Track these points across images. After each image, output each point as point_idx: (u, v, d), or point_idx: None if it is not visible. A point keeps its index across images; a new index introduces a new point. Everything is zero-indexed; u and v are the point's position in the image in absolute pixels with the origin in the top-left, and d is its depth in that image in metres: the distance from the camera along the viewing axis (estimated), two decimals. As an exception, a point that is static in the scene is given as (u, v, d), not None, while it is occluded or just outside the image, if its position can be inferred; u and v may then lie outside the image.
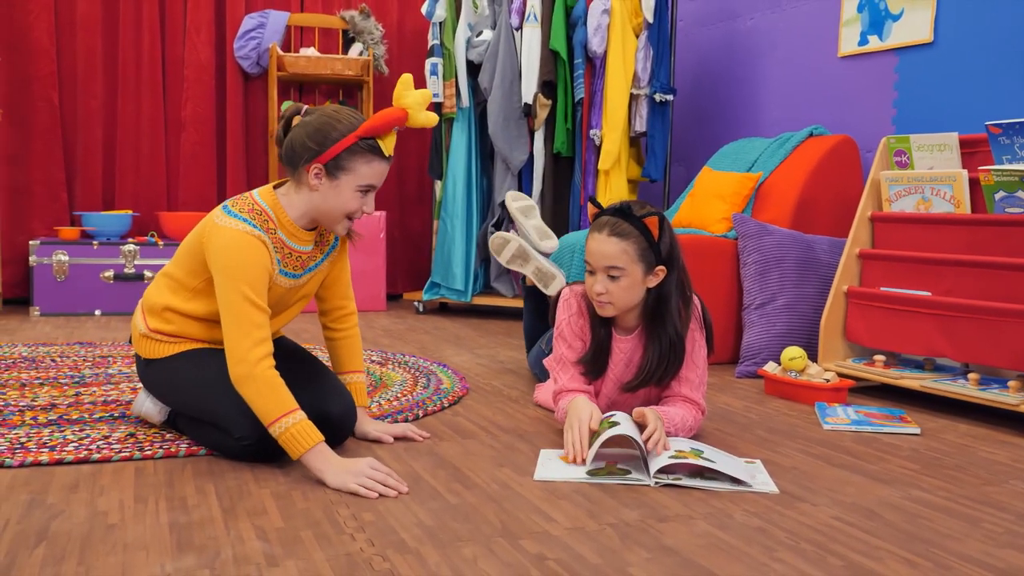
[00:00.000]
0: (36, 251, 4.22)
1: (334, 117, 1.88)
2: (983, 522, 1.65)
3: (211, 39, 4.87)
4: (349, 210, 1.91)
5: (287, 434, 1.77)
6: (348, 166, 1.87)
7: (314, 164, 1.87)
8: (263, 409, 1.79)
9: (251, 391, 1.80)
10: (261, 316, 1.83)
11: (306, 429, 1.78)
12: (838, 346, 3.02)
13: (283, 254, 1.95)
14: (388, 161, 1.91)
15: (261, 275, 1.86)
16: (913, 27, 3.48)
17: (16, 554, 1.39)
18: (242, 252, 1.84)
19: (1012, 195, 2.54)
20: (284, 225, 1.94)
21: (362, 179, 1.88)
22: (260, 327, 1.82)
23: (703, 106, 4.67)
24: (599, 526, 1.57)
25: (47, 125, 4.55)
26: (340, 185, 1.88)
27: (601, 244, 2.05)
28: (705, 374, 2.20)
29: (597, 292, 2.07)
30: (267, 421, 1.78)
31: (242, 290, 1.82)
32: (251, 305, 1.82)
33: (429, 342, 3.72)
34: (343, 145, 1.85)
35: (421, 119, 1.90)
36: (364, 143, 1.86)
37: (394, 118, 1.87)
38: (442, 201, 4.61)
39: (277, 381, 1.81)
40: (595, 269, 2.07)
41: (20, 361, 3.00)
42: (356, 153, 1.86)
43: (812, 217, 3.47)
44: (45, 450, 1.94)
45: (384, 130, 1.87)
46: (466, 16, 4.48)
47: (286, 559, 1.39)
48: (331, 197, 1.89)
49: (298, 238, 1.97)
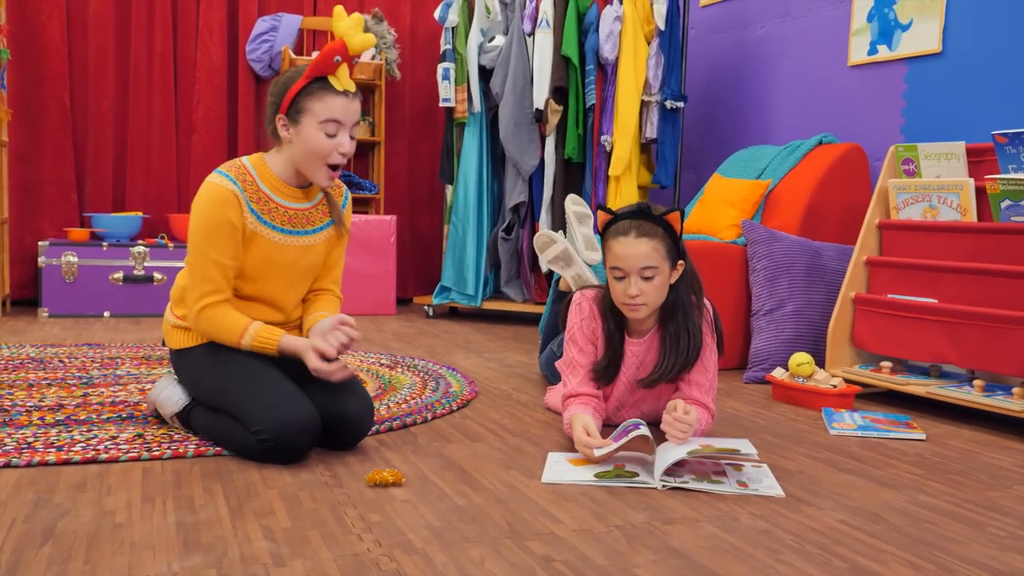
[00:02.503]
0: (45, 252, 4.24)
1: (287, 73, 2.02)
2: (987, 526, 1.66)
3: (223, 41, 4.89)
4: (321, 151, 1.99)
5: (256, 341, 1.97)
6: (304, 107, 1.97)
7: (279, 117, 2.00)
8: (225, 339, 1.99)
9: (206, 331, 2.00)
10: (214, 270, 1.97)
11: (268, 330, 1.98)
12: (845, 352, 3.02)
13: (266, 207, 2.03)
14: (346, 96, 1.99)
15: (221, 226, 1.96)
16: (922, 37, 3.49)
17: (22, 552, 1.39)
18: (207, 203, 1.97)
19: (1017, 204, 2.54)
20: (267, 179, 2.04)
21: (320, 115, 1.96)
22: (210, 280, 1.97)
23: (714, 113, 4.68)
24: (606, 528, 1.58)
25: (58, 125, 4.57)
26: (303, 128, 1.98)
27: (631, 247, 2.05)
28: (715, 378, 2.21)
29: (632, 295, 2.06)
30: (233, 343, 1.98)
31: (198, 240, 1.97)
32: (205, 258, 1.96)
33: (438, 346, 3.73)
34: (295, 90, 1.97)
35: (358, 41, 1.98)
36: (315, 83, 1.97)
37: (331, 49, 1.96)
38: (453, 205, 4.63)
39: (223, 313, 1.98)
40: (627, 272, 2.06)
41: (28, 362, 3.01)
42: (308, 94, 1.97)
43: (820, 224, 3.47)
44: (52, 450, 1.94)
45: (326, 63, 1.96)
46: (479, 21, 4.51)
47: (293, 559, 1.39)
48: (299, 143, 1.99)
49: (285, 193, 2.06)
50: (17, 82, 4.49)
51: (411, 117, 5.35)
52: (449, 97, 4.56)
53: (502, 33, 4.49)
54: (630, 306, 2.09)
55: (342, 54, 1.96)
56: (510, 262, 4.53)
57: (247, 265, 2.02)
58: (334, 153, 1.99)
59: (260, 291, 2.07)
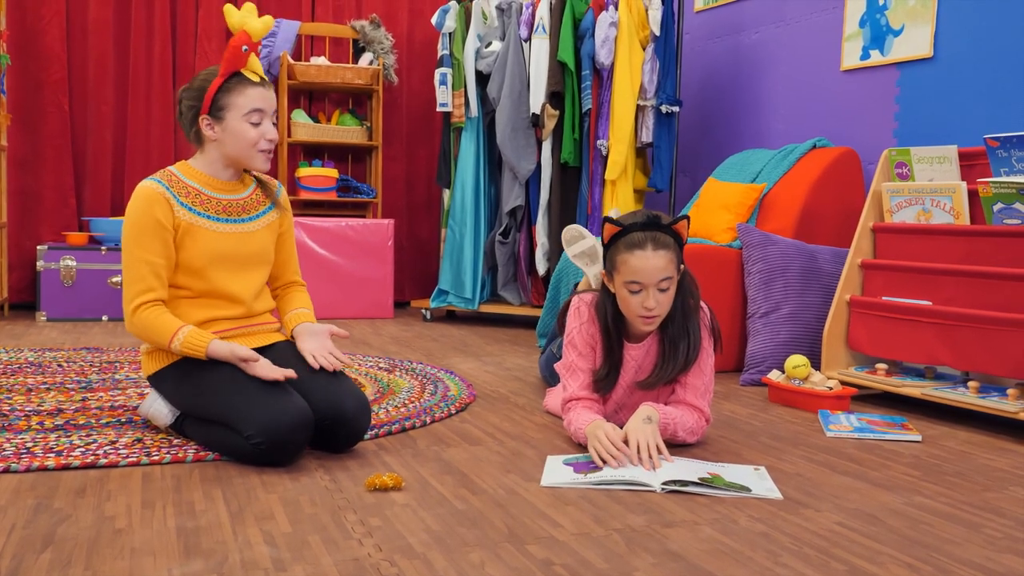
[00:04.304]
0: (44, 256, 4.24)
1: (200, 75, 2.09)
2: (983, 527, 1.67)
3: (222, 47, 4.86)
4: (250, 140, 2.06)
5: (185, 345, 1.97)
6: (225, 103, 2.04)
7: (202, 118, 2.06)
8: (157, 341, 2.01)
9: (140, 333, 2.02)
10: (144, 268, 2.01)
11: (197, 334, 1.98)
12: (841, 354, 3.04)
13: (197, 199, 2.09)
14: (263, 84, 2.08)
15: (149, 226, 2.01)
16: (914, 42, 3.51)
17: (22, 558, 1.39)
18: (135, 204, 2.02)
19: (1010, 207, 2.56)
20: (193, 176, 2.11)
21: (243, 107, 2.04)
22: (142, 279, 2.01)
23: (708, 118, 4.70)
24: (605, 531, 1.59)
25: (57, 130, 4.58)
26: (228, 123, 2.05)
27: (650, 260, 2.02)
28: (711, 382, 2.21)
29: (648, 308, 2.04)
30: (165, 346, 1.99)
31: (127, 241, 2.01)
32: (134, 258, 2.00)
33: (436, 349, 3.73)
34: (213, 88, 2.04)
35: (258, 25, 2.06)
36: (231, 79, 2.04)
37: (236, 40, 2.04)
38: (450, 209, 4.64)
39: (156, 315, 2.00)
40: (645, 286, 2.03)
41: (26, 366, 3.01)
42: (227, 90, 2.04)
43: (815, 227, 3.49)
44: (52, 455, 1.94)
45: (236, 56, 2.03)
46: (475, 27, 4.52)
47: (294, 564, 1.40)
48: (228, 138, 2.07)
49: (215, 187, 2.12)
50: (17, 87, 4.50)
51: (408, 122, 5.36)
52: (446, 102, 4.58)
53: (499, 39, 4.50)
54: (646, 319, 2.07)
55: (248, 43, 2.03)
56: (507, 265, 4.54)
57: (192, 259, 2.06)
58: (262, 140, 2.07)
59: (211, 285, 2.10)
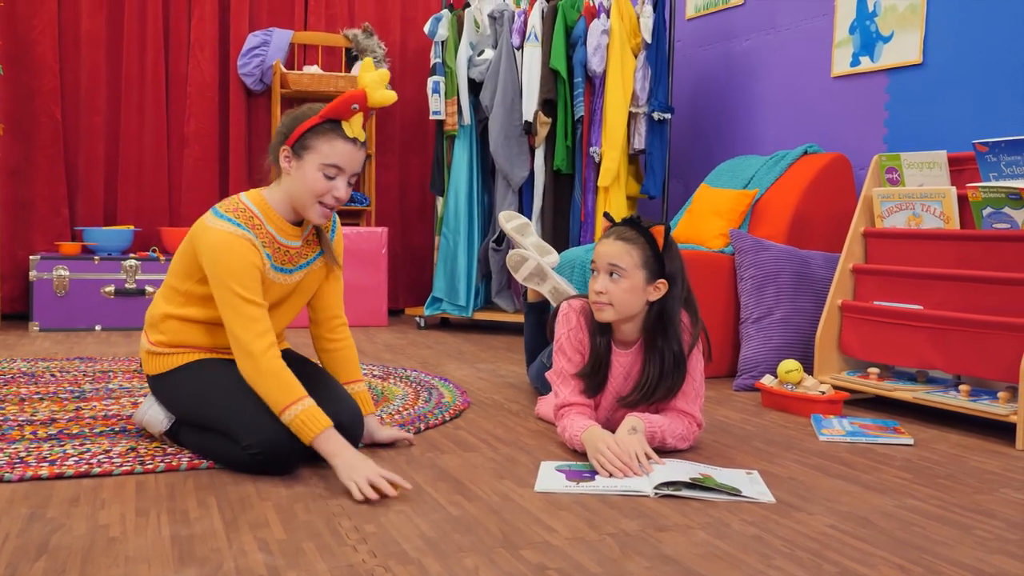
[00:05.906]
0: (36, 266, 4.23)
1: (303, 107, 2.01)
2: (975, 529, 1.68)
3: (215, 56, 4.91)
4: (316, 191, 1.98)
5: (297, 420, 1.85)
6: (310, 144, 1.96)
7: (283, 147, 1.99)
8: (273, 398, 1.87)
9: (260, 382, 1.88)
10: (257, 310, 1.92)
11: (315, 415, 1.86)
12: (833, 359, 3.05)
13: (273, 249, 2.02)
14: (356, 144, 1.99)
15: (250, 272, 1.93)
16: (903, 49, 3.54)
17: (16, 568, 1.39)
18: (230, 253, 1.92)
19: (999, 211, 2.58)
20: (272, 220, 2.02)
21: (324, 158, 1.96)
22: (258, 320, 1.91)
23: (700, 124, 4.72)
24: (599, 536, 1.59)
25: (49, 140, 4.57)
26: (304, 165, 1.97)
27: (606, 246, 2.14)
28: (702, 387, 2.22)
29: (597, 291, 2.12)
30: (278, 409, 1.86)
31: (233, 288, 1.91)
32: (244, 301, 1.91)
33: (430, 357, 3.74)
34: (306, 126, 1.96)
35: (379, 96, 1.99)
36: (327, 124, 1.96)
37: (351, 96, 1.96)
38: (444, 217, 4.65)
39: (284, 370, 1.89)
40: (598, 268, 2.14)
41: (19, 376, 3.00)
42: (318, 133, 1.96)
43: (807, 233, 3.51)
44: (45, 464, 1.93)
45: (343, 109, 1.95)
46: (468, 35, 4.54)
47: (288, 571, 1.40)
48: (298, 178, 1.98)
49: (286, 232, 2.04)
50: (9, 97, 4.50)
51: (402, 130, 5.38)
52: (439, 110, 4.59)
53: (491, 47, 4.52)
54: (596, 304, 2.14)
55: (360, 104, 1.96)
56: (501, 273, 4.55)
57: None
58: (328, 195, 1.99)
59: None
